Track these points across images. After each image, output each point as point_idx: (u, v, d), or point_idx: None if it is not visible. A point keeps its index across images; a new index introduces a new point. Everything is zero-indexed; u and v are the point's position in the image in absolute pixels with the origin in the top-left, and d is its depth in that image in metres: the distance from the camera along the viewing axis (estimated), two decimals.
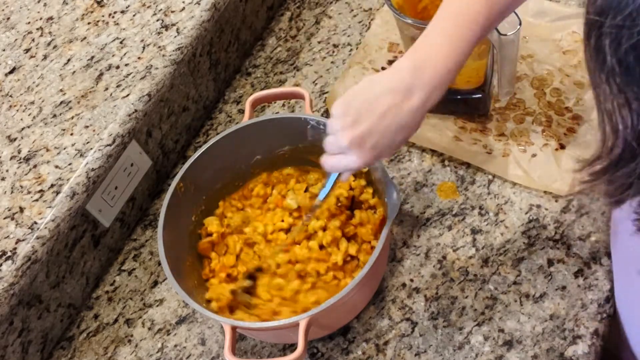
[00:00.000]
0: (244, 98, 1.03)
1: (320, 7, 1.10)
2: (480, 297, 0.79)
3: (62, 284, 0.84)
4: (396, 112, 0.62)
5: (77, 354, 0.85)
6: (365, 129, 0.63)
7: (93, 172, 0.81)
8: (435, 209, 0.86)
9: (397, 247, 0.84)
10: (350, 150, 0.65)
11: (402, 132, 0.64)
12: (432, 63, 0.62)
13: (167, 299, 0.87)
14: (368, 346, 0.78)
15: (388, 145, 0.65)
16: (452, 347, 0.76)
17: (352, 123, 0.63)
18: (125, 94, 0.87)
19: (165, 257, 0.74)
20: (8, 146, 0.85)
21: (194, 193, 0.83)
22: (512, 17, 0.75)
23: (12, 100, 0.90)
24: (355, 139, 0.63)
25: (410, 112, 0.63)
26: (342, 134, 0.64)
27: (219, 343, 0.82)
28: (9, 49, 0.95)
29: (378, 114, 0.62)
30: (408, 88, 0.62)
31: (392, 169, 0.90)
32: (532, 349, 0.74)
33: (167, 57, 0.89)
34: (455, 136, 0.90)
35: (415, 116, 0.63)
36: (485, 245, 0.82)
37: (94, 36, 0.93)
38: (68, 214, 0.79)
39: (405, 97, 0.62)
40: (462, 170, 0.88)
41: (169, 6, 0.94)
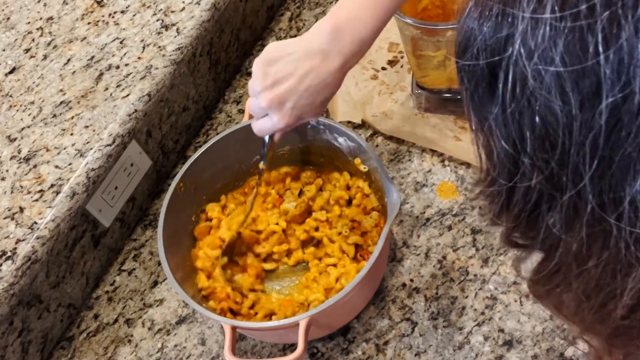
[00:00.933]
0: (244, 98, 1.03)
1: (320, 7, 1.10)
2: (480, 297, 0.79)
3: (62, 284, 0.84)
4: (316, 74, 0.64)
5: (77, 354, 0.85)
6: (284, 90, 0.65)
7: (93, 172, 0.81)
8: (435, 209, 0.86)
9: (397, 247, 0.84)
10: (271, 111, 0.67)
11: (322, 93, 0.66)
12: (351, 29, 0.64)
13: (167, 299, 0.87)
14: (368, 346, 0.78)
15: (308, 105, 0.67)
16: (452, 347, 0.76)
17: (272, 85, 0.66)
18: (125, 94, 0.87)
19: (165, 257, 0.74)
20: (8, 146, 0.85)
21: (194, 193, 0.83)
22: None
23: (12, 100, 0.90)
24: (275, 100, 0.66)
25: (329, 74, 0.65)
26: (262, 95, 0.67)
27: (219, 343, 0.82)
28: (9, 49, 0.95)
29: (297, 76, 0.65)
30: (326, 52, 0.64)
31: (392, 169, 0.90)
32: (532, 349, 0.74)
33: (167, 57, 0.89)
34: (455, 136, 0.90)
35: (335, 78, 0.66)
36: (485, 245, 0.82)
37: (94, 36, 0.93)
38: (68, 214, 0.79)
39: (324, 60, 0.64)
40: (462, 170, 0.88)
41: (169, 6, 0.94)
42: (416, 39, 0.81)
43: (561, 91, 0.30)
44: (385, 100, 0.95)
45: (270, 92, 0.66)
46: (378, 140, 0.93)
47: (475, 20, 0.33)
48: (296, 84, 0.65)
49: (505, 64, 0.32)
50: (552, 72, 0.30)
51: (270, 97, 0.66)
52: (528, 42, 0.30)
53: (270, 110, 0.67)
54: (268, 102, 0.66)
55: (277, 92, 0.66)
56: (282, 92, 0.65)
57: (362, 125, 0.94)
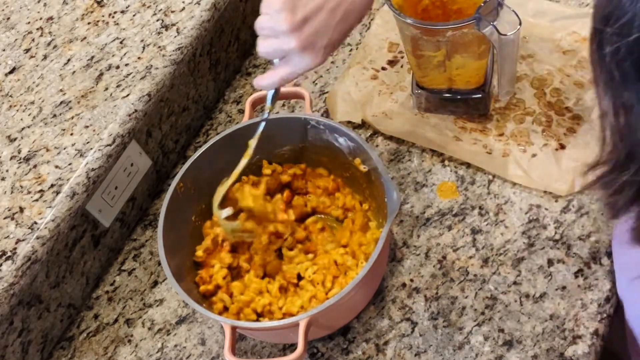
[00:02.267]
0: (244, 98, 1.03)
1: None
2: (480, 297, 0.79)
3: (62, 284, 0.84)
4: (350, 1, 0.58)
5: (77, 354, 0.85)
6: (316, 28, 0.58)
7: (93, 172, 0.81)
8: (435, 209, 0.86)
9: (397, 247, 0.84)
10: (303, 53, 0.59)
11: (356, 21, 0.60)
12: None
13: (167, 299, 0.87)
14: (368, 346, 0.78)
15: (341, 38, 0.61)
16: (452, 347, 0.76)
17: (302, 22, 0.57)
18: (125, 94, 0.87)
19: (165, 257, 0.74)
20: (8, 146, 0.85)
21: (194, 193, 0.83)
22: (512, 17, 0.75)
23: (12, 100, 0.90)
24: (308, 40, 0.58)
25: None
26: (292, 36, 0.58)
27: (219, 343, 0.82)
28: (9, 49, 0.95)
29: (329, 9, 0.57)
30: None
31: (392, 169, 0.90)
32: (532, 349, 0.74)
33: (167, 57, 0.89)
34: (455, 136, 0.90)
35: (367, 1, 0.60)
36: (485, 245, 0.82)
37: (94, 36, 0.93)
38: (68, 214, 0.79)
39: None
40: (462, 170, 0.88)
41: (169, 6, 0.94)
42: (416, 39, 0.81)
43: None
44: (385, 100, 0.95)
45: (301, 32, 0.57)
46: (378, 140, 0.93)
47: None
48: (329, 18, 0.57)
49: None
50: None
51: (302, 37, 0.58)
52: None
53: (302, 52, 0.59)
54: (300, 44, 0.58)
55: (310, 31, 0.57)
56: (316, 30, 0.57)
57: (362, 125, 0.94)
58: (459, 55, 0.82)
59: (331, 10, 0.57)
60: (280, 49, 0.60)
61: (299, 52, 0.59)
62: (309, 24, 0.57)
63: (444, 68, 0.85)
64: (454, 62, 0.84)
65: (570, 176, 0.84)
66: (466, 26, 0.76)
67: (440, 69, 0.85)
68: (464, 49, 0.81)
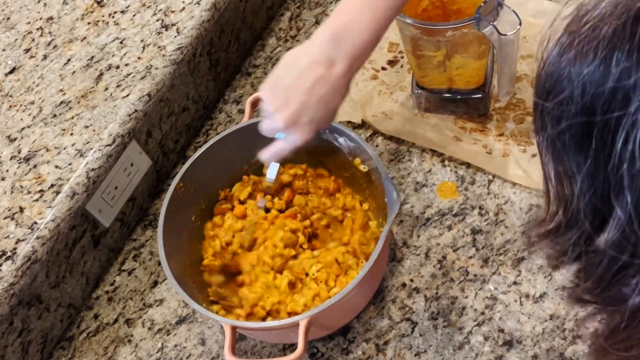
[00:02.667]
0: (244, 98, 1.03)
1: (320, 7, 1.10)
2: (480, 297, 0.79)
3: (62, 284, 0.84)
4: (323, 82, 0.63)
5: (77, 354, 0.85)
6: (297, 107, 0.64)
7: (93, 172, 0.81)
8: (435, 209, 0.86)
9: (397, 247, 0.84)
10: (289, 130, 0.66)
11: (334, 100, 0.65)
12: (351, 33, 0.63)
13: (167, 299, 0.87)
14: (368, 346, 0.78)
15: (324, 114, 0.66)
16: (452, 347, 0.76)
17: (283, 104, 0.64)
18: (125, 94, 0.87)
19: (165, 257, 0.74)
20: (8, 146, 0.85)
21: (194, 193, 0.83)
22: (512, 17, 0.75)
23: (12, 100, 0.90)
24: (290, 118, 0.65)
25: (337, 80, 0.63)
26: (276, 116, 0.65)
27: (219, 343, 0.82)
28: (9, 49, 0.95)
29: (306, 89, 0.63)
30: (329, 59, 0.63)
31: (392, 169, 0.90)
32: (532, 349, 0.74)
33: (167, 57, 0.89)
34: (455, 136, 0.90)
35: (343, 82, 0.64)
36: (485, 245, 0.82)
37: (94, 36, 0.93)
38: (68, 214, 0.79)
39: (329, 67, 0.63)
40: (462, 170, 0.88)
41: (169, 6, 0.94)
42: (416, 39, 0.81)
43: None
44: (385, 100, 0.95)
45: (284, 112, 0.64)
46: (378, 140, 0.93)
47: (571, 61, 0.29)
48: (306, 97, 0.63)
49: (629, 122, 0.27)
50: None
51: (285, 117, 0.65)
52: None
53: (288, 129, 0.66)
54: (284, 122, 0.65)
55: (291, 110, 0.64)
56: (296, 109, 0.64)
57: (362, 125, 0.94)
58: (459, 55, 0.82)
59: (307, 91, 0.63)
60: (273, 128, 0.68)
61: (285, 129, 0.66)
62: (288, 105, 0.64)
63: (444, 68, 0.85)
64: (454, 62, 0.84)
65: None
66: (466, 26, 0.76)
67: (440, 69, 0.85)
68: (464, 49, 0.81)
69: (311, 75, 0.63)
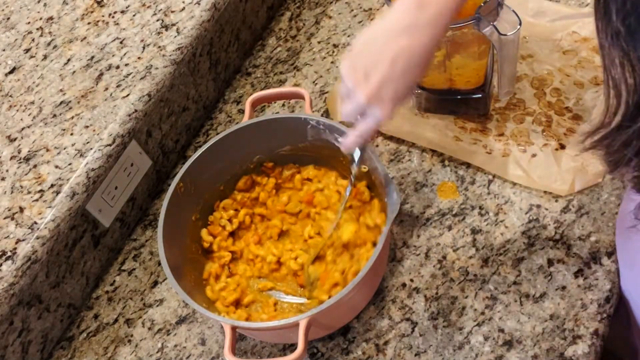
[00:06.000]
0: (244, 98, 1.03)
1: (320, 7, 1.10)
2: (480, 297, 0.79)
3: (62, 284, 0.84)
4: (408, 53, 0.59)
5: (77, 354, 0.85)
6: (379, 80, 0.60)
7: (93, 172, 0.81)
8: (435, 209, 0.86)
9: (397, 247, 0.84)
10: (370, 107, 0.62)
11: (418, 70, 0.61)
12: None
13: (167, 299, 0.87)
14: (368, 346, 0.78)
15: (408, 88, 0.62)
16: (452, 347, 0.76)
17: (364, 78, 0.60)
18: (125, 94, 0.87)
19: (165, 257, 0.74)
20: (8, 146, 0.85)
21: (194, 193, 0.83)
22: (512, 17, 0.75)
23: (12, 100, 0.90)
24: (372, 92, 0.61)
25: (422, 50, 0.59)
26: (357, 92, 0.61)
27: (219, 343, 0.82)
28: (9, 49, 0.95)
29: (389, 61, 0.59)
30: (414, 27, 0.59)
31: (392, 169, 0.90)
32: (532, 349, 0.74)
33: (167, 57, 0.89)
34: (455, 136, 0.90)
35: (428, 51, 0.60)
36: (485, 245, 0.82)
37: (94, 36, 0.93)
38: (68, 214, 0.79)
39: (413, 37, 0.59)
40: (462, 170, 0.88)
41: (169, 6, 0.94)
42: None
43: None
44: None
45: (365, 87, 0.60)
46: (378, 140, 0.93)
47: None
48: (390, 69, 0.59)
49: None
50: None
51: (367, 91, 0.60)
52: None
53: (371, 105, 0.61)
54: (366, 97, 0.61)
55: (373, 84, 0.60)
56: (379, 82, 0.60)
57: None
58: (459, 55, 0.82)
59: (390, 62, 0.59)
60: (354, 108, 0.63)
61: (368, 104, 0.61)
62: (371, 77, 0.60)
63: (444, 68, 0.85)
64: (454, 62, 0.83)
65: (570, 176, 0.84)
66: (466, 26, 0.76)
67: (440, 69, 0.85)
68: (464, 49, 0.81)
69: (394, 46, 0.59)
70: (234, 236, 0.86)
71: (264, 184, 0.88)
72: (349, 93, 0.63)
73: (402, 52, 0.59)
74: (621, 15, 0.33)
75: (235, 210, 0.87)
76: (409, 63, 0.59)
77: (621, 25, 0.33)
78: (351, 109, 0.63)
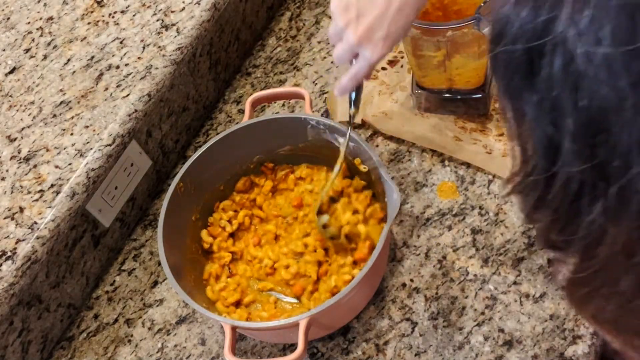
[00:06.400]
0: (244, 98, 1.03)
1: (320, 7, 1.10)
2: (480, 297, 0.79)
3: (62, 284, 0.84)
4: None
5: (77, 354, 0.85)
6: (372, 19, 0.59)
7: (93, 172, 0.81)
8: (435, 209, 0.86)
9: (397, 247, 0.84)
10: (362, 47, 0.60)
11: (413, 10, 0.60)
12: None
13: (167, 299, 0.87)
14: (368, 346, 0.78)
15: (401, 29, 0.61)
16: (452, 347, 0.76)
17: (357, 17, 0.59)
18: (125, 94, 0.87)
19: (165, 257, 0.74)
20: (8, 146, 0.85)
21: (194, 193, 0.83)
22: None
23: (12, 100, 0.90)
24: (364, 32, 0.60)
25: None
26: (348, 31, 0.60)
27: (219, 343, 0.82)
28: (9, 49, 0.95)
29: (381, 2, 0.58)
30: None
31: (392, 169, 0.90)
32: (532, 349, 0.74)
33: (167, 57, 0.89)
34: (455, 136, 0.90)
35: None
36: (485, 245, 0.82)
37: (94, 36, 0.93)
38: (68, 214, 0.79)
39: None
40: (462, 170, 0.88)
41: (169, 6, 0.94)
42: (416, 39, 0.81)
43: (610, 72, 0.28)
44: (385, 100, 0.95)
45: (356, 25, 0.59)
46: (378, 140, 0.93)
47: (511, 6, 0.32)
48: (384, 6, 0.58)
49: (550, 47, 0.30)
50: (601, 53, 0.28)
51: (359, 31, 0.59)
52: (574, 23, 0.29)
53: (362, 45, 0.60)
54: (358, 37, 0.59)
55: (365, 23, 0.59)
56: (370, 22, 0.59)
57: (362, 125, 0.94)
58: (459, 55, 0.82)
59: (384, 3, 0.58)
60: (345, 49, 0.62)
61: (358, 45, 0.60)
62: (363, 17, 0.59)
63: (444, 68, 0.85)
64: (454, 62, 0.84)
65: None
66: (466, 26, 0.76)
67: (440, 69, 0.85)
68: (464, 49, 0.81)
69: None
70: (234, 237, 0.86)
71: (261, 185, 0.88)
72: (340, 33, 0.61)
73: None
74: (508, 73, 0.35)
75: (235, 211, 0.87)
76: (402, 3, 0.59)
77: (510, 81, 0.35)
78: (342, 51, 0.62)
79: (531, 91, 0.32)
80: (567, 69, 0.30)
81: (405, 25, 0.61)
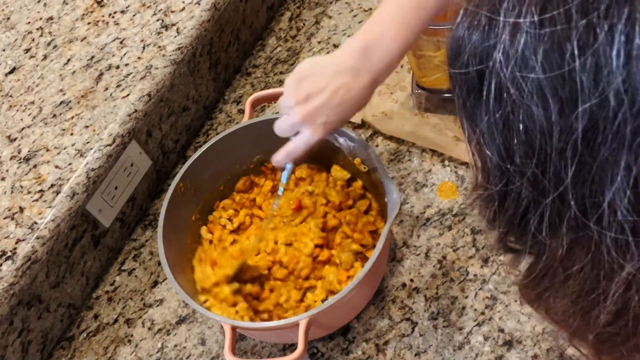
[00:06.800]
0: (244, 98, 1.03)
1: (320, 7, 1.10)
2: (480, 297, 0.79)
3: (62, 284, 0.84)
4: (347, 90, 0.66)
5: (77, 354, 0.85)
6: (317, 105, 0.66)
7: (93, 172, 0.81)
8: (435, 209, 0.86)
9: (397, 247, 0.84)
10: (303, 126, 0.68)
11: (352, 108, 0.68)
12: (380, 47, 0.65)
13: (167, 299, 0.87)
14: (368, 346, 0.78)
15: (339, 120, 0.68)
16: (452, 347, 0.76)
17: (305, 100, 0.67)
18: (125, 94, 0.87)
19: (165, 257, 0.74)
20: (8, 146, 0.85)
21: (194, 193, 0.83)
22: None
23: (12, 100, 0.90)
24: (308, 114, 0.67)
25: (359, 90, 0.66)
26: (295, 110, 0.67)
27: (219, 343, 0.82)
28: (9, 49, 0.95)
29: (329, 92, 0.66)
30: (357, 69, 0.66)
31: (392, 169, 0.90)
32: (532, 349, 0.74)
33: (167, 57, 0.89)
34: (455, 136, 0.90)
35: (365, 93, 0.67)
36: (485, 245, 0.82)
37: (94, 36, 0.93)
38: (68, 214, 0.79)
39: (355, 77, 0.66)
40: (462, 170, 0.88)
41: (169, 6, 0.94)
42: (417, 39, 0.81)
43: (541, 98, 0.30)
44: (385, 100, 0.95)
45: (303, 107, 0.67)
46: (378, 140, 0.93)
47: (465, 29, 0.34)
48: (328, 99, 0.66)
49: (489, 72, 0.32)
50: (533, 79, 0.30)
51: (303, 112, 0.67)
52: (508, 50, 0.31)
53: (304, 125, 0.68)
54: (301, 117, 0.67)
55: (311, 107, 0.66)
56: (316, 107, 0.66)
57: (362, 125, 0.95)
58: None
59: (331, 93, 0.66)
60: (289, 123, 0.69)
61: (301, 124, 0.68)
62: (311, 100, 0.66)
63: (444, 68, 0.85)
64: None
65: None
66: None
67: (440, 69, 0.85)
68: None
69: (337, 80, 0.66)
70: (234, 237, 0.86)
71: (261, 185, 0.88)
72: (288, 109, 0.68)
73: (343, 86, 0.66)
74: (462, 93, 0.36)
75: (235, 210, 0.87)
76: (346, 97, 0.66)
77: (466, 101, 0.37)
78: (286, 125, 0.69)
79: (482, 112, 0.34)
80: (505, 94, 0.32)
81: (342, 119, 0.68)
